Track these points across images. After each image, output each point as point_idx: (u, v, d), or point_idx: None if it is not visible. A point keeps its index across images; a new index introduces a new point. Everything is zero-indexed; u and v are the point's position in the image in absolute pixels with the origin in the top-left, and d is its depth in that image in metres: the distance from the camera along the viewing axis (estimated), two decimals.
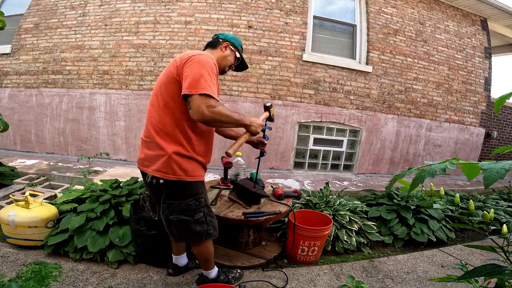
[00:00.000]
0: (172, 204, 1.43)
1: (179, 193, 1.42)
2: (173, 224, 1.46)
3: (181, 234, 1.48)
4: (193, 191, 1.44)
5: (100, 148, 4.18)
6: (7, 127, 1.07)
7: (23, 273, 1.06)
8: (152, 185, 1.43)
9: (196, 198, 1.45)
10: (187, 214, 1.43)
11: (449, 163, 0.69)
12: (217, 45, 1.58)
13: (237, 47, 1.63)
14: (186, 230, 1.46)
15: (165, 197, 1.43)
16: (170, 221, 1.46)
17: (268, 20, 4.14)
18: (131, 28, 4.11)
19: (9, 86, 4.41)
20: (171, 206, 1.43)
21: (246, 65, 1.73)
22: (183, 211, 1.43)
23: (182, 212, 1.43)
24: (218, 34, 1.64)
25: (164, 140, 1.37)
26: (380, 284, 1.91)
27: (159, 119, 1.38)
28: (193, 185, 1.44)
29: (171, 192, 1.42)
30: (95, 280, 1.72)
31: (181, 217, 1.43)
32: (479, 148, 5.41)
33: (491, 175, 0.58)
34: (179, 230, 1.47)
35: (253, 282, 1.80)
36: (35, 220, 1.94)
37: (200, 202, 1.47)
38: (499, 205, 3.21)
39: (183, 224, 1.44)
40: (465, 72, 5.06)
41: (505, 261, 0.96)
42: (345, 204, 2.63)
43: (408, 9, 4.77)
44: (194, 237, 1.48)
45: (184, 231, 1.46)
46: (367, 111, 4.49)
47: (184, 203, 1.42)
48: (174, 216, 1.43)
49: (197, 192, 1.46)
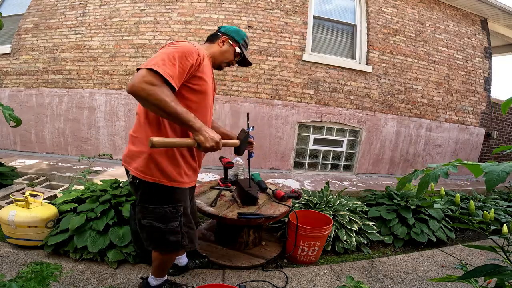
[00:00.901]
0: (147, 207, 1.29)
1: (155, 196, 1.28)
2: (144, 230, 1.33)
3: (151, 241, 1.35)
4: (171, 197, 1.30)
5: (100, 148, 4.18)
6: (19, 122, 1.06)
7: (24, 273, 1.06)
8: (131, 184, 1.33)
9: (174, 205, 1.31)
10: (160, 221, 1.29)
11: (451, 166, 0.69)
12: (215, 39, 1.46)
13: (237, 41, 1.47)
14: (157, 237, 1.32)
15: (140, 199, 1.31)
16: (142, 226, 1.33)
17: (268, 20, 4.14)
18: (131, 28, 4.11)
19: (9, 86, 4.41)
20: (144, 210, 1.30)
21: (248, 61, 1.57)
22: (157, 217, 1.29)
23: (156, 219, 1.29)
24: (221, 26, 1.52)
25: (147, 135, 1.24)
26: (380, 284, 1.91)
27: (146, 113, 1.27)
28: (173, 192, 1.30)
29: (147, 194, 1.29)
30: (95, 280, 1.72)
31: (154, 224, 1.29)
32: (479, 148, 5.41)
33: (492, 178, 0.59)
34: (150, 237, 1.33)
35: (253, 282, 1.80)
36: (35, 220, 1.94)
37: (177, 210, 1.32)
38: (499, 205, 3.21)
39: (155, 231, 1.30)
40: (465, 72, 5.06)
41: (505, 261, 0.96)
42: (345, 204, 2.63)
43: (408, 9, 4.77)
44: (165, 246, 1.35)
45: (155, 238, 1.33)
46: (367, 111, 4.49)
47: (159, 208, 1.28)
48: (146, 221, 1.30)
49: (177, 199, 1.32)
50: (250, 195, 1.96)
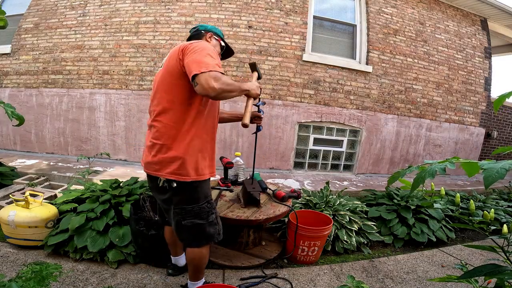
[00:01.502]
0: (185, 208, 1.38)
1: (192, 196, 1.38)
2: (184, 229, 1.40)
3: (194, 238, 1.42)
4: (204, 192, 1.41)
5: (100, 148, 4.18)
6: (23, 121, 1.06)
7: (23, 273, 1.06)
8: (163, 189, 1.39)
9: (208, 200, 1.43)
10: (201, 218, 1.39)
11: (449, 163, 0.68)
12: (200, 37, 1.53)
13: (220, 36, 1.60)
14: (200, 233, 1.41)
15: (178, 202, 1.38)
16: (182, 226, 1.39)
17: (268, 20, 4.14)
18: (131, 28, 4.11)
19: (9, 86, 4.41)
20: (183, 211, 1.38)
21: (232, 50, 1.70)
22: (196, 214, 1.38)
23: (196, 216, 1.38)
24: (197, 25, 1.60)
25: (175, 140, 1.32)
26: (380, 284, 1.91)
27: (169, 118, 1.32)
28: (204, 186, 1.41)
29: (184, 195, 1.37)
30: (95, 280, 1.72)
31: (196, 221, 1.38)
32: (479, 148, 5.41)
33: (491, 175, 0.58)
34: (192, 235, 1.41)
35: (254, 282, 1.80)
36: (35, 220, 1.94)
37: (211, 204, 1.44)
38: (499, 205, 3.21)
39: (198, 227, 1.39)
40: (465, 72, 5.06)
41: (505, 261, 0.95)
42: (345, 204, 2.63)
43: (408, 9, 4.77)
44: (206, 239, 1.43)
45: (197, 235, 1.41)
46: (367, 111, 4.49)
47: (198, 206, 1.38)
48: (188, 221, 1.38)
49: (207, 194, 1.44)
50: (252, 197, 1.96)
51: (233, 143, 4.13)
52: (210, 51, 1.25)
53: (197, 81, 1.17)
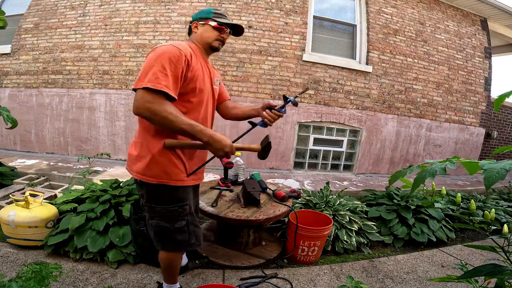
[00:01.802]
0: (153, 208, 1.31)
1: (161, 197, 1.30)
2: (152, 229, 1.35)
3: (159, 240, 1.36)
4: (176, 197, 1.31)
5: (100, 148, 4.18)
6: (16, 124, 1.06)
7: (23, 273, 1.06)
8: (137, 185, 1.36)
9: (180, 205, 1.32)
10: (167, 221, 1.31)
11: (449, 163, 0.68)
12: (190, 29, 1.45)
13: (207, 18, 1.38)
14: (165, 237, 1.34)
15: (147, 199, 1.32)
16: (150, 225, 1.35)
17: (268, 20, 4.14)
18: (131, 28, 4.11)
19: (9, 86, 4.41)
20: (151, 210, 1.32)
21: (236, 25, 1.44)
22: (163, 216, 1.31)
23: (163, 218, 1.31)
24: None
25: (148, 138, 1.26)
26: (380, 284, 1.91)
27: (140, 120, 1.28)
28: (177, 191, 1.31)
29: (152, 195, 1.30)
30: (95, 280, 1.72)
31: (161, 223, 1.31)
32: (479, 148, 5.41)
33: (491, 175, 0.58)
34: (157, 236, 1.35)
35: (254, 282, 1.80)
36: (35, 220, 1.94)
37: (183, 210, 1.33)
38: (499, 205, 3.21)
39: (163, 230, 1.33)
40: (465, 72, 5.06)
41: (505, 261, 0.95)
42: (345, 204, 2.63)
43: (408, 9, 4.77)
44: (173, 245, 1.37)
45: (162, 237, 1.35)
46: (367, 111, 4.49)
47: (166, 208, 1.30)
48: (154, 221, 1.32)
49: (181, 198, 1.33)
50: (252, 197, 1.96)
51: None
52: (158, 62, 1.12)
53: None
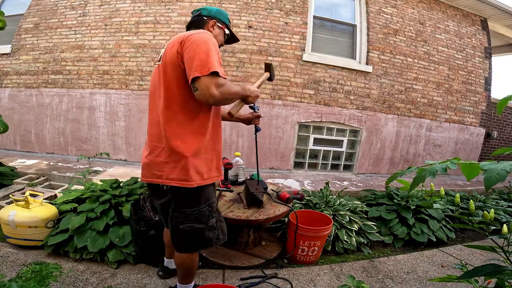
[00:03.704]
0: (184, 212, 1.28)
1: (192, 200, 1.28)
2: (182, 234, 1.30)
3: (191, 243, 1.33)
4: (206, 196, 1.31)
5: (100, 148, 4.18)
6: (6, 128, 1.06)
7: (23, 273, 1.06)
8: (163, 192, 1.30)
9: (209, 203, 1.33)
10: (201, 222, 1.30)
11: (450, 163, 0.68)
12: (202, 24, 1.39)
13: (224, 23, 1.44)
14: (198, 238, 1.33)
15: (176, 206, 1.29)
16: (180, 231, 1.30)
17: (268, 20, 4.14)
18: (131, 28, 4.11)
19: (9, 86, 4.41)
20: (182, 215, 1.28)
21: (236, 37, 1.57)
22: (196, 219, 1.29)
23: (196, 220, 1.29)
24: (200, 8, 1.43)
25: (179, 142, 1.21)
26: (380, 284, 1.91)
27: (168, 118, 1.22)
28: (207, 189, 1.32)
29: (184, 199, 1.28)
30: (95, 280, 1.72)
31: (195, 226, 1.29)
32: (479, 148, 5.41)
33: (492, 176, 0.57)
34: (189, 239, 1.32)
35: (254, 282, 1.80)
36: (35, 220, 1.94)
37: (212, 208, 1.35)
38: (499, 205, 3.21)
39: (196, 232, 1.30)
40: (465, 72, 5.06)
41: (505, 261, 0.95)
42: (345, 204, 2.63)
43: (408, 9, 4.77)
44: (204, 244, 1.36)
45: (196, 240, 1.33)
46: (367, 111, 4.49)
47: (198, 210, 1.29)
48: (186, 225, 1.28)
49: (210, 197, 1.34)
50: (256, 198, 1.95)
51: (233, 143, 4.13)
52: (211, 47, 1.14)
53: (196, 86, 1.11)
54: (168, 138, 1.22)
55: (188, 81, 1.15)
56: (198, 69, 1.09)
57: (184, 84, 1.20)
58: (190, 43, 1.15)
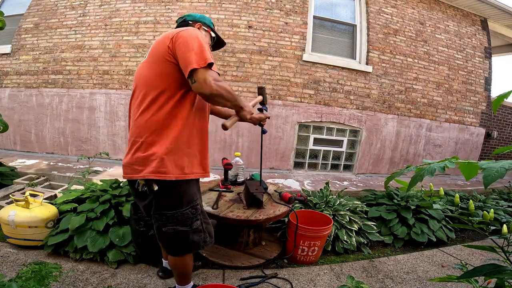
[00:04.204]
0: (165, 214, 1.24)
1: (173, 201, 1.25)
2: (165, 237, 1.28)
3: (175, 246, 1.30)
4: (189, 196, 1.27)
5: (100, 148, 4.18)
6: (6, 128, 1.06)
7: (23, 273, 1.06)
8: (143, 194, 1.26)
9: (192, 205, 1.29)
10: (184, 224, 1.25)
11: (448, 162, 0.68)
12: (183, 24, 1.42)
13: (209, 26, 1.46)
14: (182, 241, 1.28)
15: (157, 207, 1.26)
16: (163, 234, 1.27)
17: (268, 20, 4.14)
18: (131, 28, 4.11)
19: (9, 86, 4.41)
20: (163, 217, 1.25)
21: (223, 41, 1.59)
22: (179, 221, 1.25)
23: (179, 223, 1.25)
24: (184, 16, 1.46)
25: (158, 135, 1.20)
26: (380, 284, 1.91)
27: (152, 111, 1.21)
28: (189, 188, 1.27)
29: (165, 199, 1.24)
30: (95, 280, 1.72)
31: (178, 228, 1.25)
32: (479, 148, 5.41)
33: (490, 174, 0.58)
34: (173, 242, 1.28)
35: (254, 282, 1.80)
36: (35, 220, 1.94)
37: (196, 210, 1.30)
38: (499, 205, 3.21)
39: (180, 235, 1.26)
40: (465, 72, 5.06)
41: (505, 261, 0.95)
42: (345, 204, 2.63)
43: (408, 9, 4.77)
44: (189, 248, 1.31)
45: (179, 242, 1.28)
46: (367, 111, 4.49)
47: (180, 212, 1.25)
48: (168, 227, 1.25)
49: (193, 198, 1.29)
50: (256, 198, 1.95)
51: (233, 143, 4.13)
52: (203, 41, 1.17)
53: (195, 78, 1.10)
54: (147, 132, 1.21)
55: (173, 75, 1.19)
56: (196, 62, 1.10)
57: (167, 79, 1.20)
58: (183, 38, 1.16)
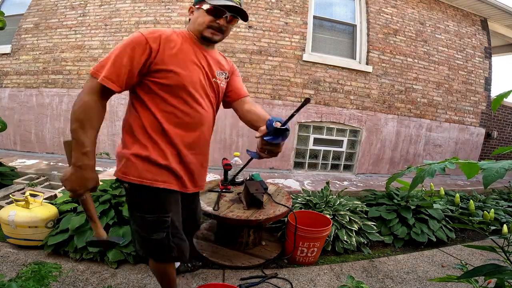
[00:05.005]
0: (134, 214, 1.20)
1: (143, 203, 1.17)
2: (132, 234, 1.28)
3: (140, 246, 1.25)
4: (158, 205, 1.16)
5: (100, 148, 4.17)
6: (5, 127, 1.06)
7: (23, 273, 1.06)
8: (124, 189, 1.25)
9: (160, 215, 1.17)
10: (144, 230, 1.19)
11: (448, 163, 0.68)
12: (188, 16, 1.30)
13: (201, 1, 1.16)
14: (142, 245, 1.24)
15: (129, 204, 1.23)
16: (131, 230, 1.27)
17: (268, 20, 4.14)
18: (131, 28, 4.11)
19: (9, 86, 4.41)
20: (132, 215, 1.22)
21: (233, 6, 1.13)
22: (140, 225, 1.19)
23: (140, 227, 1.20)
24: None
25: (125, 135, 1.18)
26: (380, 284, 1.91)
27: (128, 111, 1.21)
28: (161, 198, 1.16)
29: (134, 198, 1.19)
30: (95, 280, 1.72)
31: (139, 231, 1.21)
32: (479, 148, 5.41)
33: (490, 174, 0.58)
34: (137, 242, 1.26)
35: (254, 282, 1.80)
36: (35, 220, 1.94)
37: (164, 222, 1.17)
38: (499, 205, 3.21)
39: (140, 238, 1.22)
40: (465, 72, 5.06)
41: (505, 261, 0.95)
42: (345, 204, 2.63)
43: (408, 9, 4.77)
44: (150, 254, 1.26)
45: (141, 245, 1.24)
46: (367, 111, 4.49)
47: (144, 217, 1.17)
48: (133, 227, 1.23)
49: (164, 209, 1.17)
50: (256, 198, 1.95)
51: (233, 143, 4.13)
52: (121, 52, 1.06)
53: None
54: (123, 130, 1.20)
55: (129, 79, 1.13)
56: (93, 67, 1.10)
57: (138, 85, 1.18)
58: None
